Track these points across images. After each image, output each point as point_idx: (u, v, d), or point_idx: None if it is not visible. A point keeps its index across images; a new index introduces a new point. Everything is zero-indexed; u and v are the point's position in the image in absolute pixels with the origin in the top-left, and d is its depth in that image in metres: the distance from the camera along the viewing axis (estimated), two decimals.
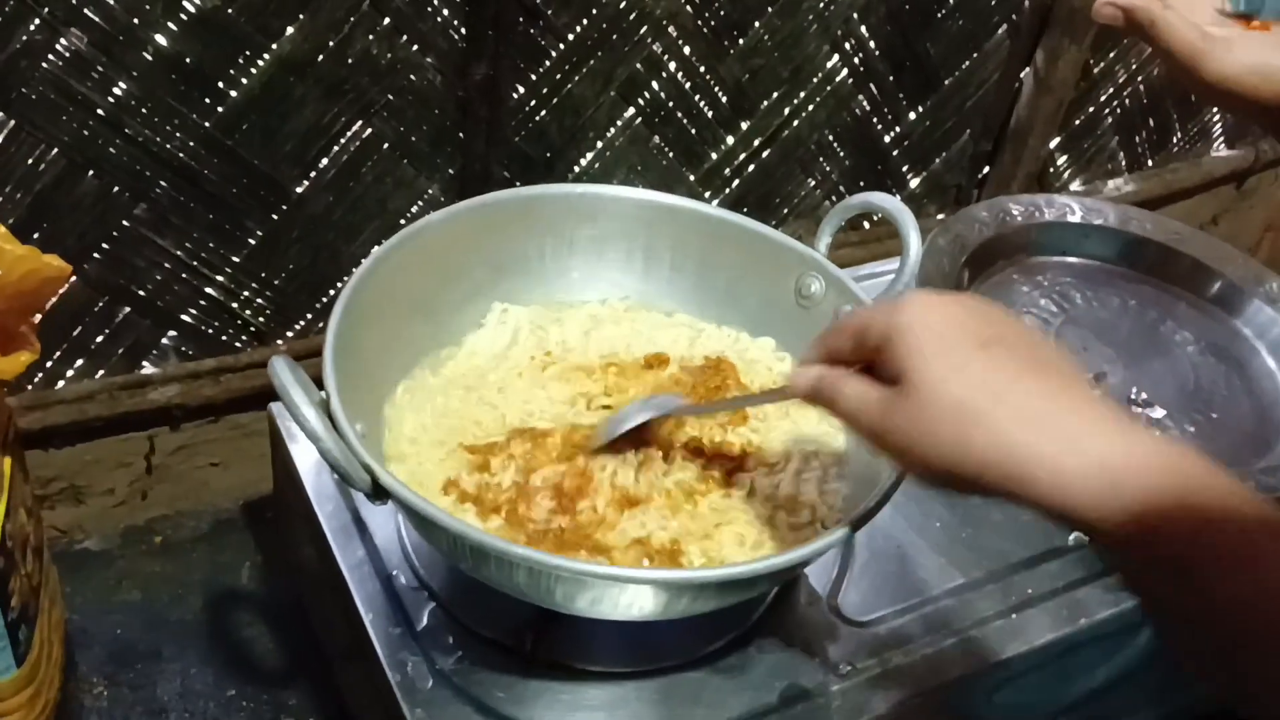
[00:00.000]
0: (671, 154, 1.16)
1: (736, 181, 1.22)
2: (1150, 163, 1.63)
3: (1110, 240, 1.08)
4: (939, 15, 1.23)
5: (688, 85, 1.13)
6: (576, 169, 1.11)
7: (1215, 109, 1.64)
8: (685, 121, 1.15)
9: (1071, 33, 1.30)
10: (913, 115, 1.30)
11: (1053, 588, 0.81)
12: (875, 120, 1.28)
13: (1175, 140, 1.64)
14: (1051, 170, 1.50)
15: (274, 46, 0.92)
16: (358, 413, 0.63)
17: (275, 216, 1.00)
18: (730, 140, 1.19)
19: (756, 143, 1.20)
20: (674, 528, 0.66)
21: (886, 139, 1.31)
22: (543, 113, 1.06)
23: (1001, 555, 0.82)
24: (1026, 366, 0.48)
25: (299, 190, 0.99)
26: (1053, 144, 1.46)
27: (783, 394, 0.63)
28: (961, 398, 0.47)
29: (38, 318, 0.72)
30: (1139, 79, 1.50)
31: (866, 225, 1.32)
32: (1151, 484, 0.44)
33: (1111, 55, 1.44)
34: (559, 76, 1.05)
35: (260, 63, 0.92)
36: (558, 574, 0.58)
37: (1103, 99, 1.49)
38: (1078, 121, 1.48)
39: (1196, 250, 1.09)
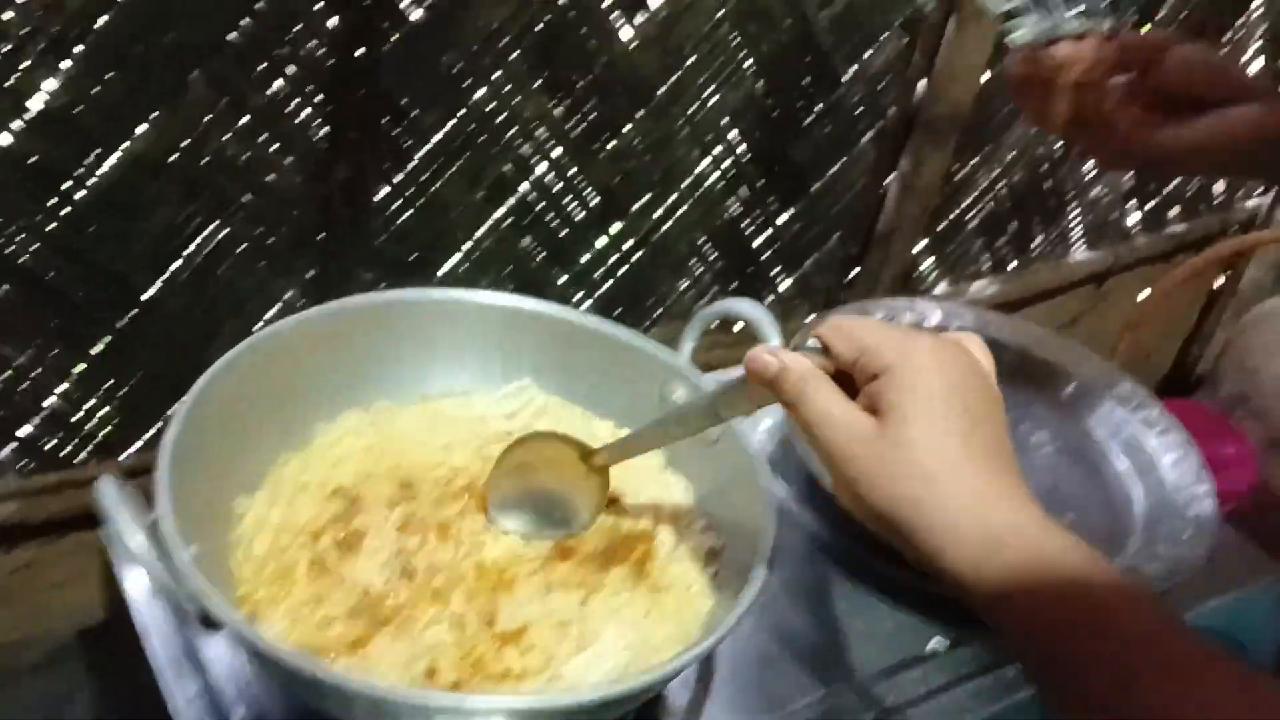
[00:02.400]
0: (541, 255, 1.16)
1: (608, 283, 1.23)
2: (1013, 265, 1.70)
3: None
4: (807, 121, 1.28)
5: (558, 187, 1.13)
6: (443, 271, 1.10)
7: (1073, 213, 1.72)
8: (555, 223, 1.15)
9: (935, 139, 1.35)
10: (783, 218, 1.34)
11: (916, 694, 0.81)
12: (746, 223, 1.31)
13: (1036, 243, 1.71)
14: (917, 272, 1.55)
15: (126, 144, 0.89)
16: (196, 532, 0.60)
17: (124, 322, 0.96)
18: (601, 242, 1.20)
19: (628, 244, 1.21)
20: (546, 635, 0.64)
21: (757, 241, 1.33)
22: (408, 214, 1.05)
23: (864, 664, 0.82)
24: (993, 455, 0.50)
25: (150, 293, 0.96)
26: (918, 247, 1.51)
27: (736, 388, 0.60)
28: (932, 467, 0.49)
29: None
30: (1000, 184, 1.57)
31: (737, 328, 1.33)
32: (1030, 553, 0.47)
33: (974, 161, 1.50)
34: (425, 177, 1.04)
35: (111, 161, 0.89)
36: (399, 704, 0.56)
37: (966, 203, 1.55)
38: (942, 225, 1.53)
39: (1050, 353, 1.13)
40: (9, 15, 0.80)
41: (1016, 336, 1.13)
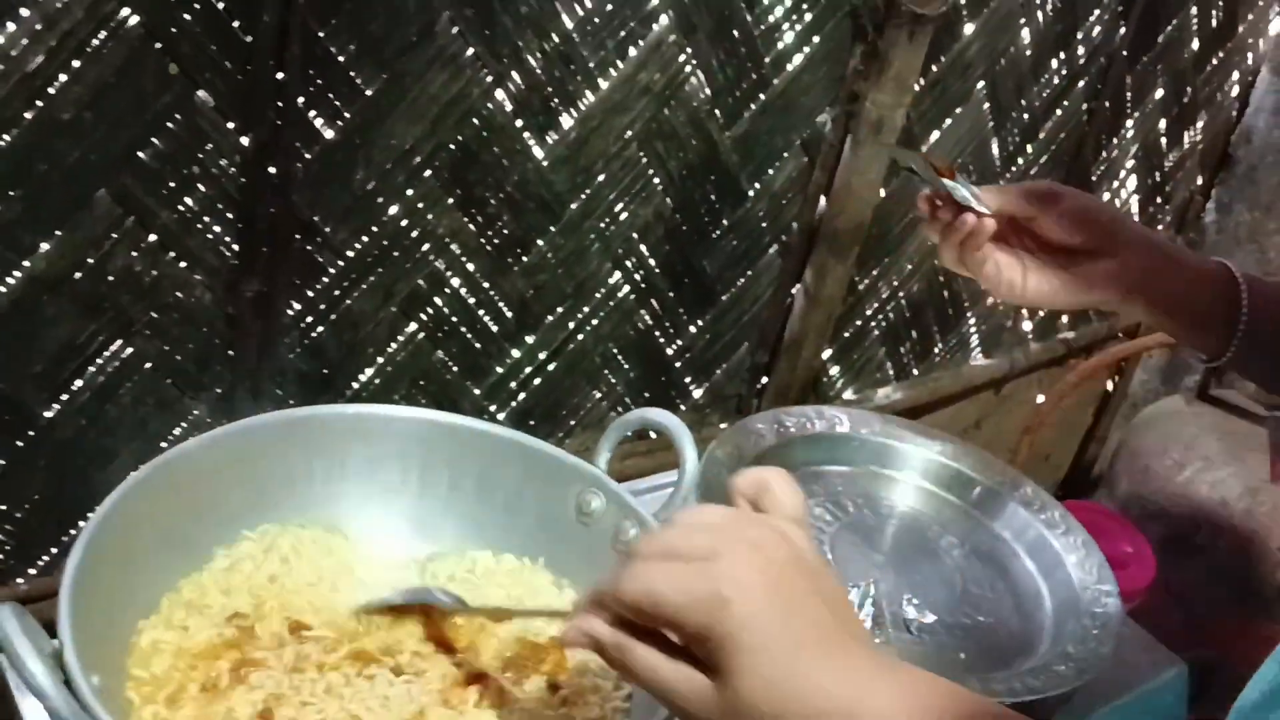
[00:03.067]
0: (455, 368, 1.16)
1: (522, 395, 1.23)
2: (915, 371, 1.75)
3: (878, 450, 1.14)
4: (714, 234, 1.31)
5: (471, 300, 1.14)
6: (355, 385, 1.09)
7: (970, 321, 1.79)
8: (469, 336, 1.16)
9: (837, 251, 1.40)
10: (693, 328, 1.36)
11: None
12: (657, 333, 1.33)
13: (937, 350, 1.77)
14: (825, 379, 1.58)
15: (26, 263, 0.87)
16: (97, 660, 0.58)
17: (19, 443, 0.92)
18: (515, 354, 1.20)
19: (541, 356, 1.22)
20: None
21: (669, 351, 1.35)
22: (320, 329, 1.05)
23: None
24: (828, 650, 0.50)
25: (47, 415, 0.93)
26: (825, 355, 1.55)
27: (560, 636, 0.57)
28: (777, 708, 0.49)
29: None
30: (900, 294, 1.62)
31: (653, 435, 1.34)
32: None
33: (875, 272, 1.56)
34: (337, 292, 1.04)
35: (10, 280, 0.87)
36: None
37: (868, 312, 1.60)
38: (847, 333, 1.58)
39: (955, 459, 1.16)
40: None
41: (922, 443, 1.15)
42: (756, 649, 0.49)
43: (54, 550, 0.98)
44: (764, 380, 1.48)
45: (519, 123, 1.08)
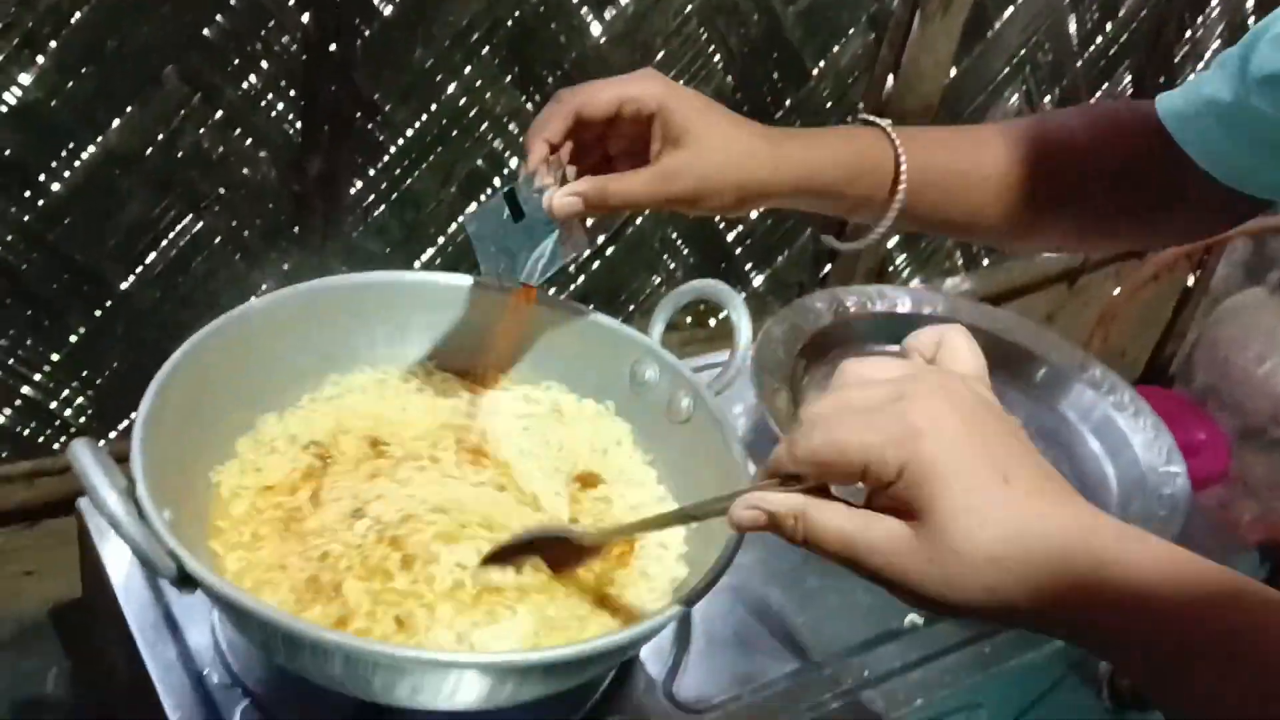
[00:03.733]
0: None
1: (581, 278, 1.24)
2: (985, 261, 1.72)
3: None
4: (777, 115, 1.29)
5: None
6: (417, 264, 1.11)
7: None
8: None
9: None
10: (755, 213, 1.35)
11: (889, 669, 0.81)
12: (718, 218, 1.32)
13: None
14: (891, 268, 1.56)
15: (100, 139, 0.90)
16: (170, 500, 0.61)
17: (98, 313, 0.96)
18: None
19: (601, 239, 1.23)
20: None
21: (730, 237, 1.35)
22: (381, 208, 1.06)
23: (838, 638, 0.83)
24: (1036, 493, 0.45)
25: (124, 286, 0.97)
26: (891, 243, 1.53)
27: (722, 511, 0.51)
28: (993, 551, 0.44)
29: None
30: None
31: (712, 322, 1.34)
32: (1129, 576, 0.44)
33: None
34: (398, 172, 1.05)
35: (85, 156, 0.90)
36: (374, 660, 0.56)
37: None
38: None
39: (1022, 339, 1.14)
40: None
41: (986, 322, 1.14)
42: (962, 475, 0.44)
43: (132, 416, 1.02)
44: (827, 267, 1.47)
45: None
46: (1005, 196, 0.74)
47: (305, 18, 0.95)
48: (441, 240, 1.12)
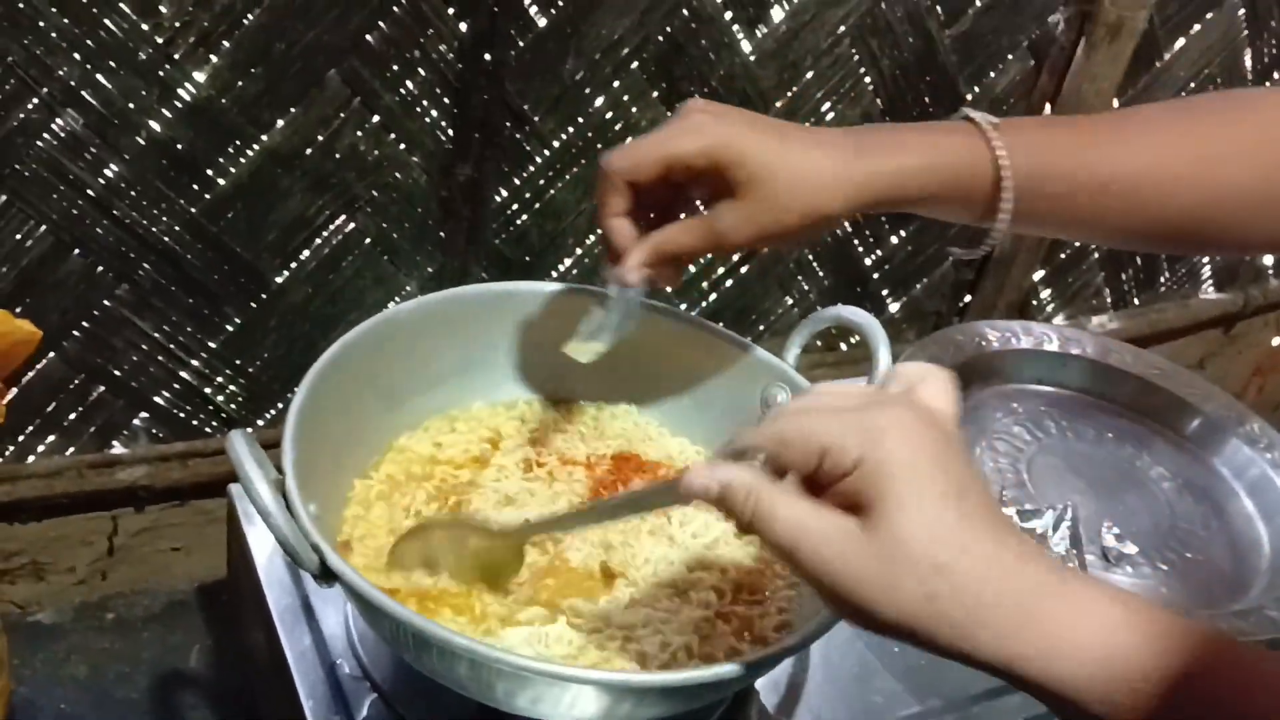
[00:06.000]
0: None
1: (714, 295, 1.23)
2: (1136, 301, 1.65)
3: (1088, 371, 1.08)
4: None
5: None
6: (555, 273, 1.13)
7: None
8: None
9: None
10: (895, 239, 1.32)
11: None
12: (856, 241, 1.30)
13: (1163, 280, 1.66)
14: (1035, 302, 1.51)
15: (264, 138, 0.94)
16: (314, 495, 0.63)
17: (254, 305, 1.00)
18: (709, 254, 1.20)
19: (735, 257, 1.22)
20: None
21: (867, 261, 1.32)
22: (524, 216, 1.08)
23: (960, 686, 0.80)
24: (991, 521, 0.45)
25: (279, 280, 1.00)
26: (1037, 276, 1.48)
27: (671, 493, 0.52)
28: (938, 555, 0.43)
29: (13, 392, 0.72)
30: None
31: (843, 346, 1.32)
32: (1149, 662, 0.42)
33: None
34: (542, 182, 1.07)
35: (249, 153, 0.94)
36: (498, 668, 0.57)
37: None
38: (1063, 255, 1.50)
39: (1176, 386, 1.08)
40: (164, 8, 0.86)
41: (1139, 366, 1.09)
42: (919, 479, 0.44)
43: (280, 405, 1.07)
44: (967, 299, 1.43)
45: (728, 14, 1.07)
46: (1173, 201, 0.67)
47: (463, 26, 0.97)
48: (579, 251, 1.13)
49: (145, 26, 0.86)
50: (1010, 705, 0.81)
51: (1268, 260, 1.78)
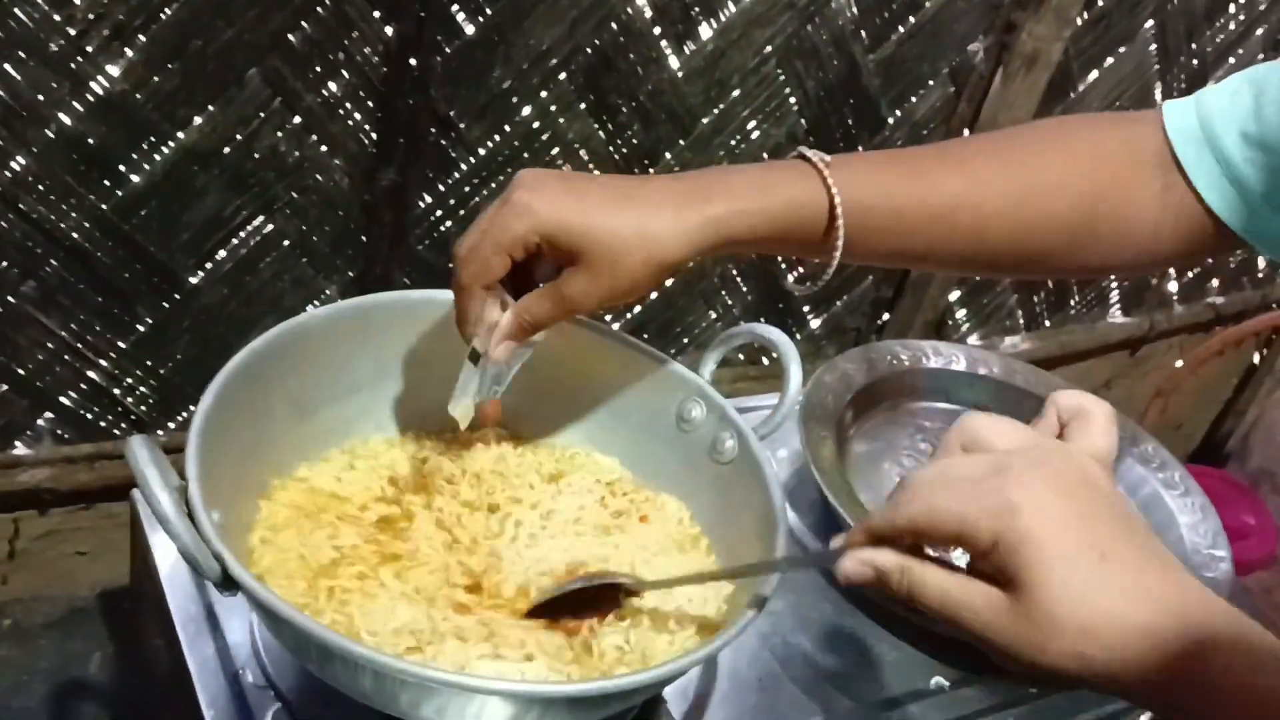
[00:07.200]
0: None
1: (638, 308, 1.24)
2: (1047, 323, 1.69)
3: (993, 390, 1.11)
4: None
5: None
6: None
7: (1112, 278, 1.72)
8: None
9: None
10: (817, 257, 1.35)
11: None
12: (779, 258, 1.32)
13: (1072, 303, 1.71)
14: (950, 322, 1.55)
15: (180, 135, 0.92)
16: (219, 503, 0.62)
17: (166, 305, 0.99)
18: None
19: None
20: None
21: (790, 277, 1.34)
22: (449, 223, 1.08)
23: (864, 694, 0.82)
24: (1145, 569, 0.46)
25: (193, 280, 0.99)
26: (953, 296, 1.51)
27: (823, 560, 0.55)
28: (1084, 620, 0.45)
29: None
30: None
31: (765, 361, 1.34)
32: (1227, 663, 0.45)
33: None
34: (467, 189, 1.07)
35: (164, 150, 0.92)
36: (401, 679, 0.57)
37: None
38: (978, 277, 1.54)
39: None
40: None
41: (1041, 387, 1.12)
42: (1056, 549, 0.45)
43: (192, 408, 1.04)
44: (885, 316, 1.46)
45: (657, 30, 1.08)
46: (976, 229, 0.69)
47: (389, 30, 0.96)
48: None
49: (57, 17, 0.84)
50: (911, 712, 0.83)
51: (1172, 287, 1.84)
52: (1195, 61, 1.54)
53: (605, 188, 0.63)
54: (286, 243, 1.01)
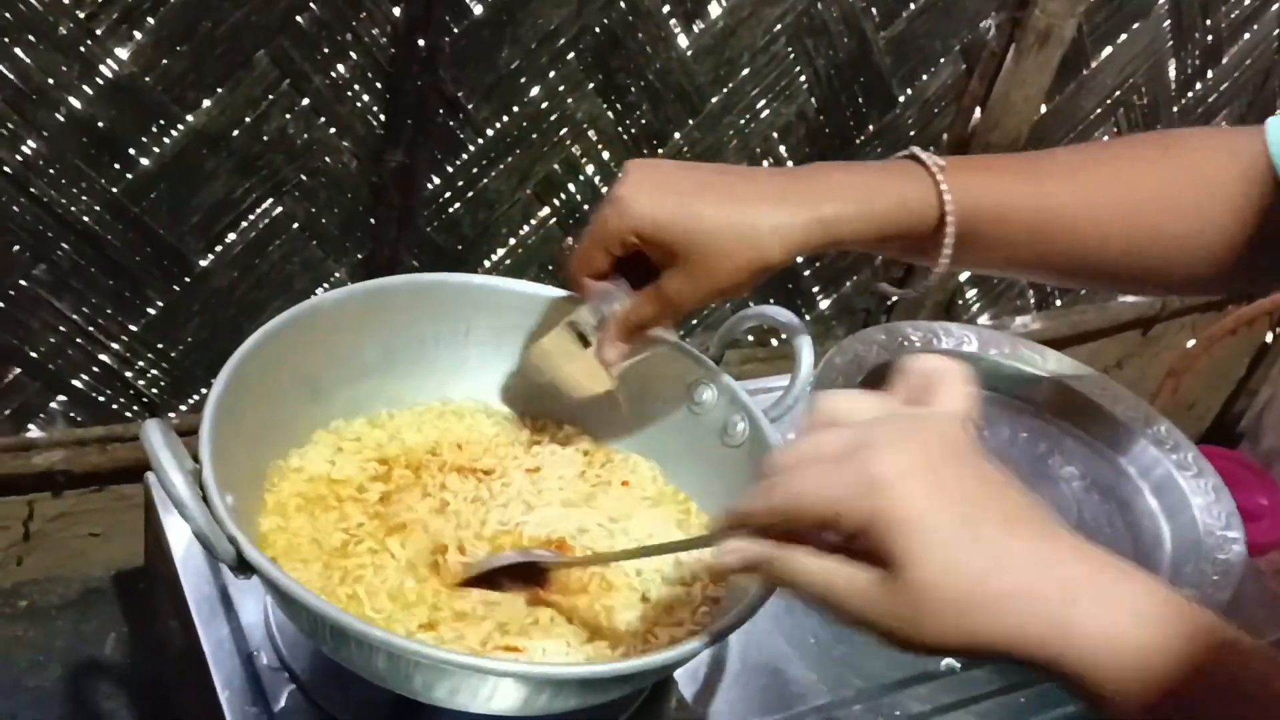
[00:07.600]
0: None
1: None
2: (1058, 303, 1.69)
3: (1004, 372, 1.11)
4: (858, 139, 1.28)
5: (604, 189, 1.15)
6: (487, 263, 1.12)
7: None
8: None
9: None
10: None
11: (921, 710, 0.80)
12: None
13: None
14: (961, 302, 1.54)
15: (189, 118, 0.92)
16: (232, 486, 0.62)
17: (177, 288, 0.99)
18: None
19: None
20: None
21: (798, 259, 1.34)
22: (456, 205, 1.07)
23: (873, 675, 0.82)
24: (1012, 530, 0.45)
25: (203, 263, 0.99)
26: (963, 276, 1.51)
27: (703, 543, 0.55)
28: (958, 598, 0.44)
29: None
30: None
31: (774, 342, 1.34)
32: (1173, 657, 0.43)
33: None
34: (475, 170, 1.06)
35: (174, 133, 0.92)
36: (415, 660, 0.57)
37: None
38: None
39: (1088, 388, 1.12)
40: None
41: (1054, 368, 1.12)
42: (927, 528, 0.44)
43: (203, 390, 1.05)
44: (895, 297, 1.46)
45: (665, 8, 1.07)
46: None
47: (396, 10, 0.96)
48: (513, 241, 1.13)
49: (66, 1, 0.84)
50: (920, 693, 0.83)
51: None
52: (1210, 38, 1.52)
53: (710, 185, 0.62)
54: (295, 225, 1.01)
